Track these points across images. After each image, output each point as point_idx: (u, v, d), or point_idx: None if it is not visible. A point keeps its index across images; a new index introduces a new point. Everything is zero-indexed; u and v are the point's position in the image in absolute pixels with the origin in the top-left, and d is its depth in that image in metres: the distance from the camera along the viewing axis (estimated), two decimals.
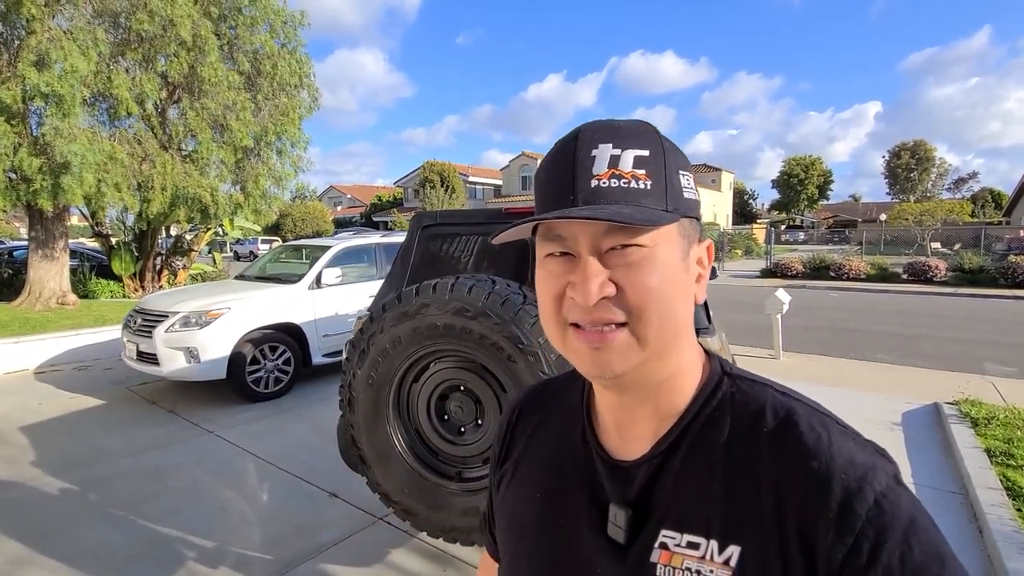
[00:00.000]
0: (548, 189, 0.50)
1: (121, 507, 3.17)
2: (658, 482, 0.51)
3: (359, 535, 2.87)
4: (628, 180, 0.47)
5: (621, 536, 0.51)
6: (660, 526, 0.50)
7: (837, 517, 0.43)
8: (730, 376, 0.53)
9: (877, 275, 16.13)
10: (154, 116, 9.23)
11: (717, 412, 0.51)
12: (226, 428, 4.44)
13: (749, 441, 0.49)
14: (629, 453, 0.54)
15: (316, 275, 5.71)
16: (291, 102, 10.53)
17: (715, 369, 0.54)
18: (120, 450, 4.01)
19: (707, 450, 0.50)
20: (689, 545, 0.48)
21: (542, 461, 0.62)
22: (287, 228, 37.13)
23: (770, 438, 0.48)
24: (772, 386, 0.52)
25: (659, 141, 0.49)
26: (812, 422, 0.48)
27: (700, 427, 0.51)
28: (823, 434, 0.47)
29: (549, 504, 0.58)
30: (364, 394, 1.78)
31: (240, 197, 10.27)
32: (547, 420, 0.64)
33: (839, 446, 0.46)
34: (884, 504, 0.43)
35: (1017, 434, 3.83)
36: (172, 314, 5.00)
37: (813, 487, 0.44)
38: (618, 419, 0.55)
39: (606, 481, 0.54)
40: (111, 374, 6.09)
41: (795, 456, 0.46)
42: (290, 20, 10.31)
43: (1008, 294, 13.19)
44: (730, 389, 0.52)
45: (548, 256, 0.50)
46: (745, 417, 0.50)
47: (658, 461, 0.51)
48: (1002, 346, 7.54)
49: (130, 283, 10.92)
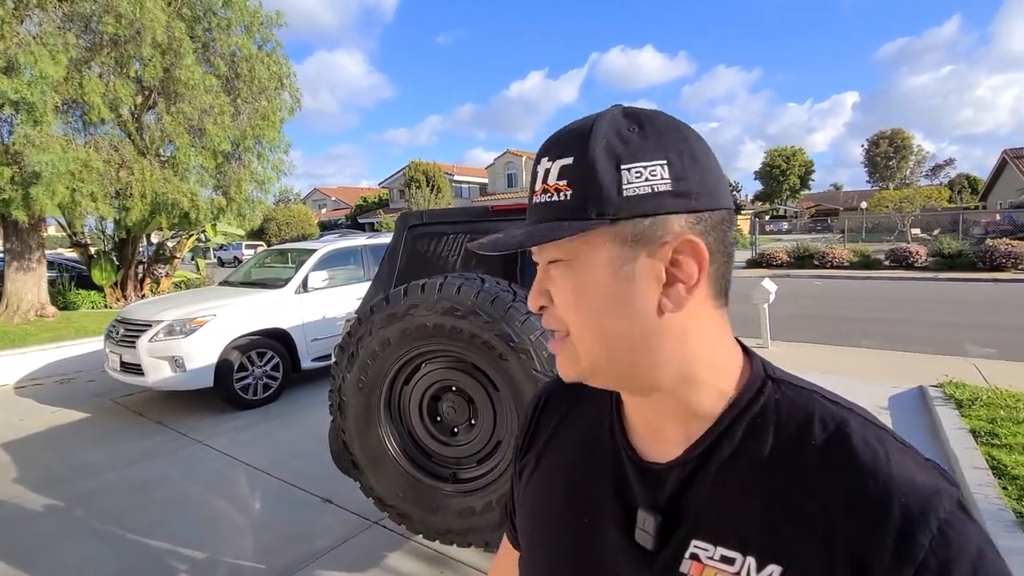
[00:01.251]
0: None
1: (107, 522, 3.10)
2: (691, 488, 0.48)
3: (354, 540, 2.84)
4: (552, 193, 0.46)
5: (650, 542, 0.48)
6: (692, 536, 0.47)
7: (896, 545, 0.39)
8: (774, 380, 0.49)
9: (860, 262, 16.38)
10: (130, 122, 9.05)
11: (759, 419, 0.47)
12: (215, 437, 4.37)
13: (795, 454, 0.45)
14: (659, 455, 0.51)
15: (303, 279, 5.64)
16: (271, 105, 10.38)
17: (757, 372, 0.50)
18: (105, 464, 3.92)
19: (748, 459, 0.46)
20: (723, 559, 0.45)
21: (568, 454, 0.60)
22: (271, 232, 36.70)
23: (819, 452, 0.44)
24: (821, 393, 0.48)
25: (586, 144, 0.45)
26: (867, 436, 0.44)
27: (741, 434, 0.47)
28: (880, 450, 0.43)
29: (573, 499, 0.56)
30: (354, 398, 1.75)
31: (222, 202, 10.12)
32: (574, 411, 0.62)
33: (898, 465, 0.42)
34: (949, 533, 0.39)
35: (1000, 414, 3.91)
36: (156, 323, 4.91)
37: (869, 510, 0.40)
38: (642, 418, 0.53)
39: (635, 483, 0.51)
40: (94, 386, 5.97)
41: (848, 474, 0.42)
42: (267, 21, 10.16)
43: (986, 277, 13.47)
44: (774, 395, 0.48)
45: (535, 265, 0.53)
46: (791, 427, 0.46)
47: (692, 466, 0.48)
48: (982, 328, 7.69)
49: (111, 293, 10.71)
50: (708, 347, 0.48)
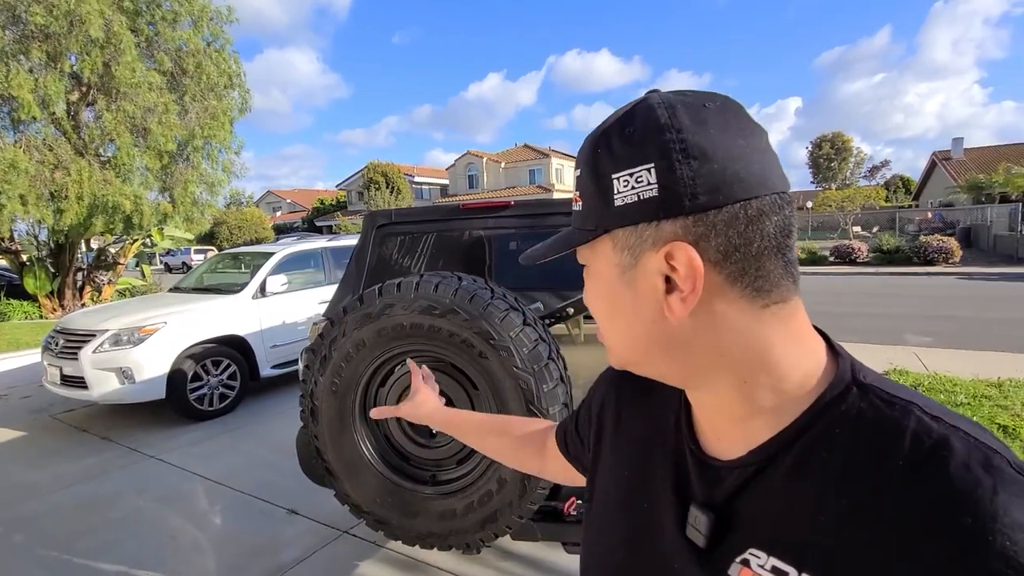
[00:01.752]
0: None
1: (52, 546, 2.89)
2: (750, 492, 0.45)
3: (324, 551, 2.75)
4: (575, 203, 0.49)
5: (701, 540, 0.47)
6: (746, 541, 0.45)
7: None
8: (861, 385, 0.44)
9: (807, 259, 17.22)
10: (65, 120, 8.49)
11: (837, 428, 0.42)
12: (169, 451, 4.14)
13: (874, 472, 0.40)
14: (721, 452, 0.49)
15: (260, 283, 5.43)
16: (221, 104, 9.99)
17: (842, 375, 0.45)
18: (47, 484, 3.65)
19: (819, 470, 0.42)
20: (775, 571, 0.42)
21: (634, 440, 0.60)
22: (222, 236, 35.28)
23: (904, 474, 0.38)
24: (920, 405, 0.41)
25: (590, 155, 0.46)
26: (972, 461, 0.37)
27: (812, 443, 0.43)
28: (985, 481, 0.36)
29: (634, 484, 0.57)
30: (328, 402, 1.69)
31: (168, 205, 9.65)
32: (645, 397, 0.61)
33: (1006, 500, 0.35)
34: None
35: (940, 398, 4.19)
36: (100, 332, 4.61)
37: (958, 549, 0.35)
38: (703, 413, 0.52)
39: (693, 477, 0.50)
40: (30, 402, 5.55)
41: (937, 504, 0.36)
42: (216, 16, 9.76)
43: (921, 271, 14.43)
44: (859, 403, 0.43)
45: None
46: (875, 441, 0.41)
47: (753, 469, 0.45)
48: (919, 318, 8.22)
49: (47, 302, 10.02)
50: (754, 348, 0.44)
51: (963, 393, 4.25)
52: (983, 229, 19.98)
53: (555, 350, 1.67)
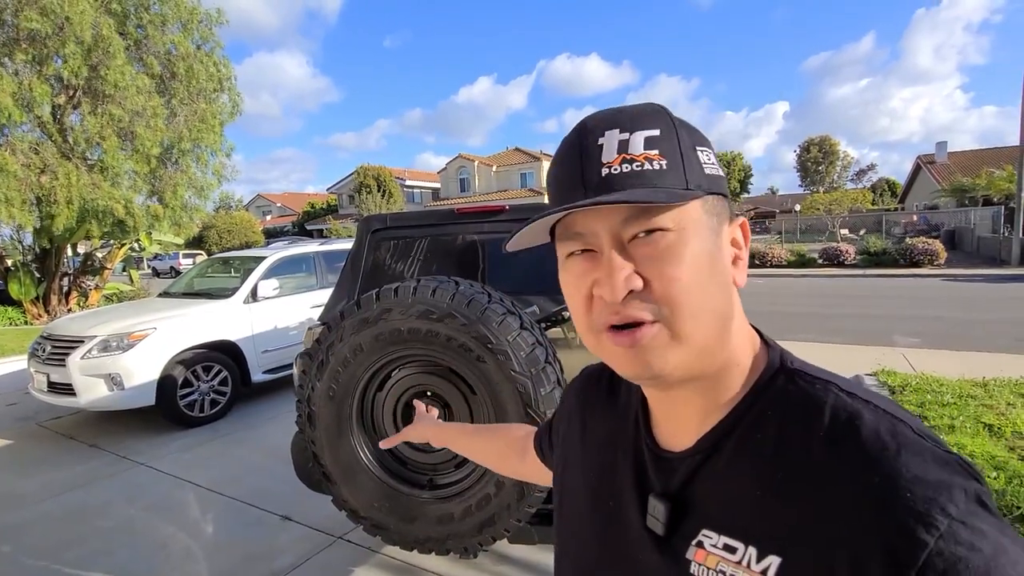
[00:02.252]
0: (557, 187, 0.49)
1: (40, 556, 2.84)
2: (699, 478, 0.49)
3: (318, 557, 2.73)
4: (641, 163, 0.44)
5: (659, 528, 0.50)
6: (699, 524, 0.47)
7: (896, 545, 0.37)
8: (788, 370, 0.48)
9: (797, 261, 17.42)
10: (51, 123, 8.38)
11: (770, 410, 0.46)
12: (159, 458, 4.09)
13: (802, 445, 0.43)
14: (675, 445, 0.52)
15: (251, 288, 5.39)
16: (210, 107, 9.92)
17: (772, 361, 0.49)
18: (34, 493, 3.59)
19: (756, 450, 0.46)
20: (726, 548, 0.45)
21: (597, 441, 0.62)
22: (211, 240, 34.95)
23: (826, 444, 0.43)
24: (838, 384, 0.46)
25: (669, 119, 0.47)
26: (880, 428, 0.42)
27: (750, 424, 0.47)
28: (890, 444, 0.41)
29: (599, 484, 0.59)
30: (325, 407, 1.69)
31: (158, 209, 9.55)
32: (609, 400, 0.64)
33: (908, 459, 0.40)
34: (961, 533, 0.36)
35: (928, 398, 4.24)
36: (89, 338, 4.55)
37: (870, 506, 0.39)
38: (663, 412, 0.54)
39: (651, 470, 0.53)
40: (16, 410, 5.46)
41: (853, 467, 0.41)
42: (206, 19, 9.70)
43: (907, 273, 14.64)
44: (788, 385, 0.47)
45: (569, 256, 0.48)
46: (802, 417, 0.45)
47: (702, 456, 0.49)
48: (906, 319, 8.34)
49: (32, 308, 9.88)
50: (744, 331, 0.50)
51: (949, 393, 4.32)
52: (967, 231, 20.33)
53: (552, 353, 1.68)
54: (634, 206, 0.43)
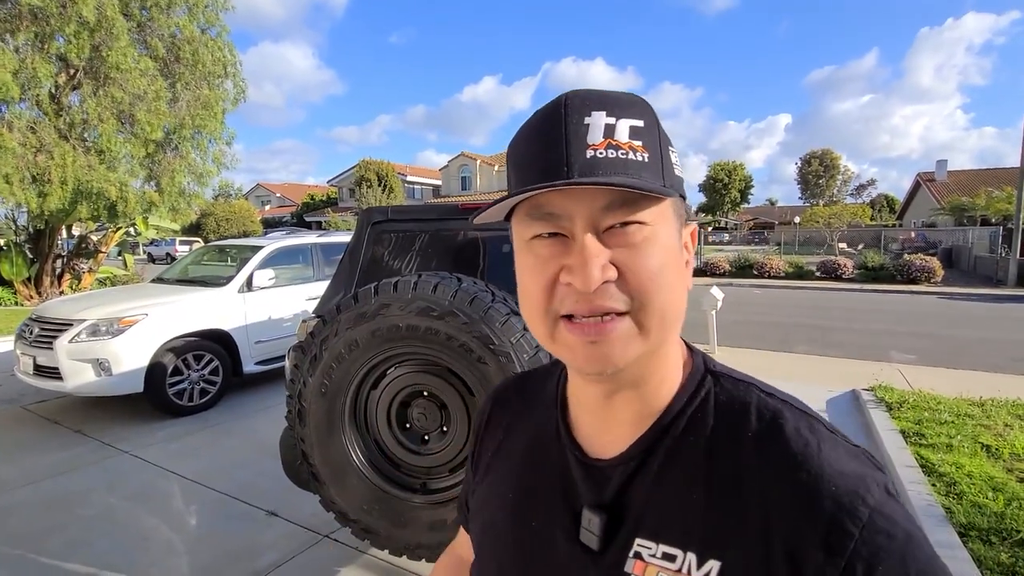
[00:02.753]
0: (533, 161, 0.44)
1: (17, 544, 2.76)
2: (635, 485, 0.47)
3: (303, 556, 2.66)
4: (626, 151, 0.42)
5: (595, 543, 0.47)
6: (635, 534, 0.46)
7: (827, 536, 0.39)
8: (713, 374, 0.50)
9: (794, 273, 17.43)
10: (48, 103, 8.26)
11: (699, 413, 0.47)
12: (144, 447, 4.01)
13: (733, 446, 0.45)
14: (605, 452, 0.50)
15: (247, 277, 5.31)
16: (214, 93, 9.82)
17: (698, 366, 0.50)
18: (15, 478, 3.51)
19: (688, 454, 0.46)
20: (665, 556, 0.44)
21: (516, 458, 0.58)
22: (209, 228, 34.75)
23: (755, 444, 0.44)
24: (757, 385, 0.49)
25: (653, 114, 0.46)
26: (800, 426, 0.44)
27: (681, 428, 0.47)
28: (811, 440, 0.43)
29: (522, 504, 0.55)
30: (316, 404, 1.62)
31: (154, 194, 9.44)
32: (523, 414, 0.60)
33: (828, 454, 0.42)
34: (879, 521, 0.39)
35: (925, 416, 4.21)
36: (77, 322, 4.47)
37: (801, 501, 0.40)
38: (596, 417, 0.51)
39: (580, 482, 0.50)
40: (1, 392, 5.36)
41: (781, 465, 0.42)
42: (212, 3, 9.60)
43: (904, 289, 14.66)
44: (714, 388, 0.49)
45: (535, 238, 0.44)
46: (729, 419, 0.46)
47: (636, 463, 0.47)
48: (902, 335, 8.33)
49: (23, 289, 9.75)
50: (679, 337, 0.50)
51: (947, 411, 4.29)
52: (964, 250, 20.40)
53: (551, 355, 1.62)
54: (618, 194, 0.42)
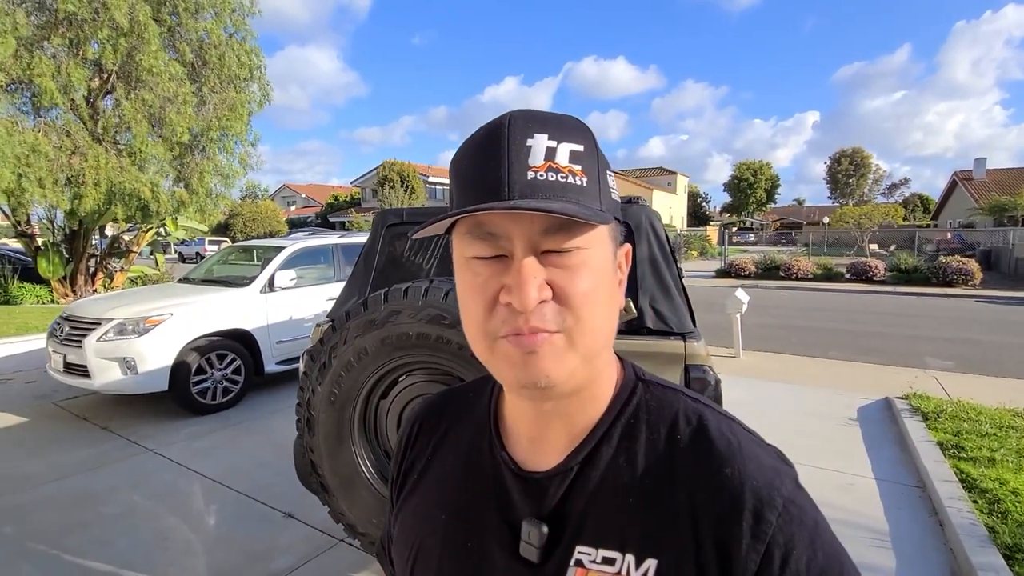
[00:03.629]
0: (475, 179, 0.45)
1: (42, 540, 2.82)
2: (572, 495, 0.48)
3: (318, 559, 2.66)
4: (565, 175, 0.44)
5: (534, 555, 0.48)
6: (575, 542, 0.47)
7: (751, 525, 0.43)
8: (644, 382, 0.52)
9: (823, 275, 16.92)
10: (83, 107, 8.52)
11: (632, 420, 0.50)
12: (168, 445, 4.08)
13: (665, 451, 0.48)
14: (541, 464, 0.51)
15: (269, 278, 5.37)
16: (239, 96, 10.00)
17: (629, 376, 0.53)
18: (42, 474, 3.60)
19: (623, 462, 0.48)
20: (605, 561, 0.46)
21: (446, 478, 0.57)
22: (236, 228, 35.54)
23: (684, 447, 0.47)
24: (683, 392, 0.52)
25: (592, 138, 0.47)
26: (722, 428, 0.48)
27: (616, 436, 0.49)
28: (733, 440, 0.47)
29: (455, 524, 0.54)
30: (325, 413, 1.59)
31: (184, 194, 9.66)
32: (451, 433, 0.59)
33: (748, 451, 0.46)
34: (792, 510, 0.44)
35: (965, 427, 4.00)
36: (105, 321, 4.57)
37: (726, 495, 0.44)
38: (531, 430, 0.52)
39: (517, 496, 0.51)
40: (34, 388, 5.53)
41: (708, 464, 0.46)
42: (239, 8, 9.77)
43: (939, 292, 14.09)
44: (644, 396, 0.51)
45: (474, 259, 0.46)
46: (660, 425, 0.49)
47: (573, 473, 0.49)
48: (939, 341, 7.98)
49: (59, 287, 10.08)
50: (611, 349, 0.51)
51: (988, 422, 4.07)
52: (1004, 252, 19.53)
53: None
54: (555, 220, 0.42)
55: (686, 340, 1.59)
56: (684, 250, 26.49)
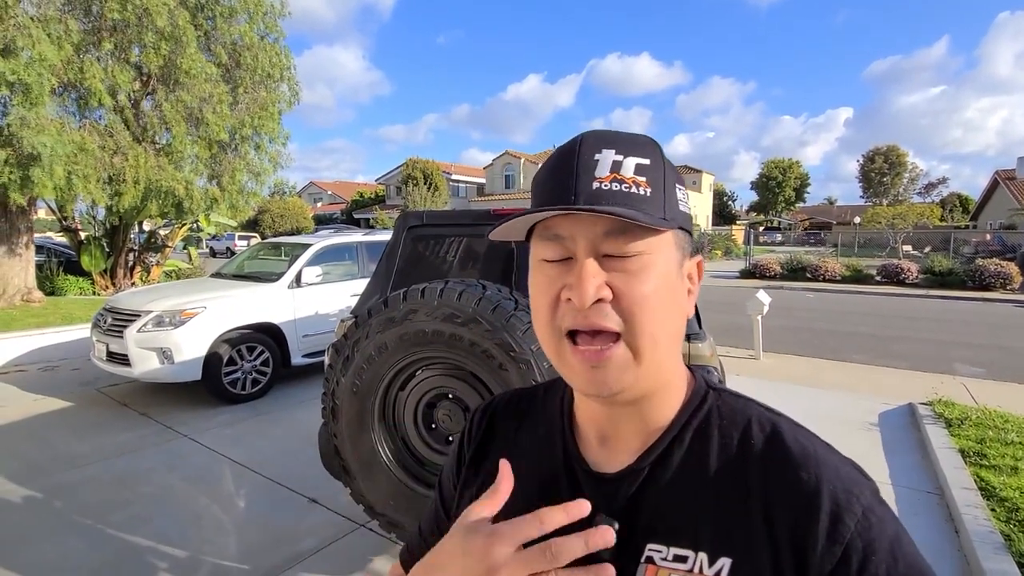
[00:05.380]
0: (547, 191, 0.50)
1: (88, 516, 3.04)
2: (644, 495, 0.50)
3: (340, 542, 2.80)
4: (629, 185, 0.47)
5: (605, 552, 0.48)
6: (646, 540, 0.49)
7: (827, 527, 0.43)
8: (715, 390, 0.54)
9: (852, 276, 16.51)
10: (127, 108, 8.92)
11: (704, 424, 0.51)
12: (201, 432, 4.31)
13: (738, 454, 0.49)
14: (612, 465, 0.53)
15: (296, 274, 5.58)
16: (270, 96, 10.30)
17: (700, 383, 0.55)
18: (88, 455, 3.85)
19: (695, 463, 0.50)
20: (676, 558, 0.47)
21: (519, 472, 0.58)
22: (265, 224, 36.47)
23: (758, 451, 0.49)
24: (755, 402, 0.54)
25: (659, 153, 0.50)
26: (797, 436, 0.49)
27: (688, 440, 0.51)
28: (809, 447, 0.48)
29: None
30: (348, 402, 1.71)
31: (216, 192, 10.01)
32: (524, 427, 0.62)
33: (824, 459, 0.47)
34: (871, 518, 0.44)
35: (989, 434, 3.93)
36: (145, 313, 4.83)
37: (804, 498, 0.45)
38: (603, 431, 0.55)
39: (589, 492, 0.53)
40: (79, 375, 5.87)
41: (784, 468, 0.47)
42: (270, 11, 10.07)
43: (975, 296, 13.61)
44: (716, 403, 0.53)
45: (544, 261, 0.50)
46: (732, 430, 0.51)
47: (644, 474, 0.51)
48: (971, 347, 7.76)
49: (100, 280, 10.57)
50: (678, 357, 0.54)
51: (1015, 430, 3.98)
52: None
53: None
54: (616, 223, 0.46)
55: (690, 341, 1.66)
56: (708, 249, 26.12)
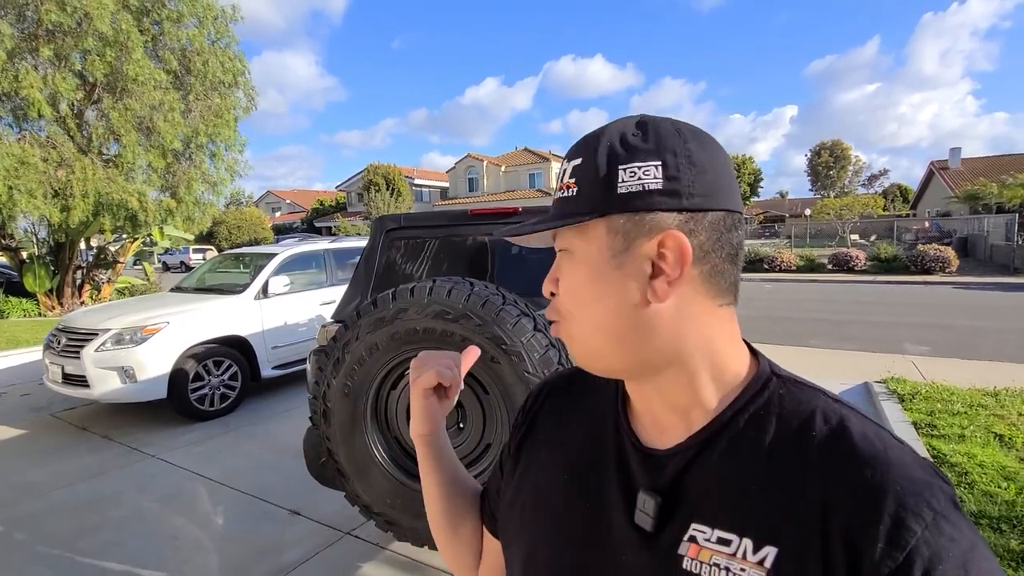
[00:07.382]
0: None
1: (54, 544, 2.89)
2: (691, 474, 0.50)
3: (326, 552, 2.77)
4: (564, 191, 0.52)
5: (649, 524, 0.50)
6: (690, 519, 0.48)
7: (888, 529, 0.41)
8: (779, 377, 0.52)
9: (806, 266, 17.30)
10: (70, 117, 8.49)
11: (763, 411, 0.50)
12: (170, 451, 4.15)
13: (796, 444, 0.47)
14: (662, 443, 0.53)
15: (262, 284, 5.45)
16: (225, 102, 10.00)
17: (763, 368, 0.53)
18: (48, 483, 3.65)
19: (749, 448, 0.48)
20: (720, 541, 0.46)
21: (570, 445, 0.61)
22: (221, 236, 35.24)
23: (820, 443, 0.46)
24: (824, 392, 0.51)
25: (594, 148, 0.50)
26: (867, 432, 0.46)
27: (743, 424, 0.50)
28: (878, 445, 0.45)
29: (576, 486, 0.58)
30: (340, 404, 1.71)
31: (171, 203, 9.64)
32: (579, 404, 0.64)
33: (896, 459, 0.44)
34: (943, 525, 0.41)
35: (937, 407, 4.21)
36: (103, 331, 4.62)
37: (865, 496, 0.42)
38: (645, 407, 0.55)
39: (636, 468, 0.53)
40: (30, 400, 5.55)
41: (847, 463, 0.44)
42: (221, 16, 9.78)
43: (918, 280, 14.50)
44: (778, 390, 0.51)
45: None
46: (793, 420, 0.48)
47: (692, 453, 0.50)
48: (917, 327, 8.27)
49: (46, 300, 10.00)
50: (706, 340, 0.50)
51: (960, 402, 4.29)
52: (980, 239, 20.09)
53: (564, 355, 1.70)
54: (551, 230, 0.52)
55: None
56: None
